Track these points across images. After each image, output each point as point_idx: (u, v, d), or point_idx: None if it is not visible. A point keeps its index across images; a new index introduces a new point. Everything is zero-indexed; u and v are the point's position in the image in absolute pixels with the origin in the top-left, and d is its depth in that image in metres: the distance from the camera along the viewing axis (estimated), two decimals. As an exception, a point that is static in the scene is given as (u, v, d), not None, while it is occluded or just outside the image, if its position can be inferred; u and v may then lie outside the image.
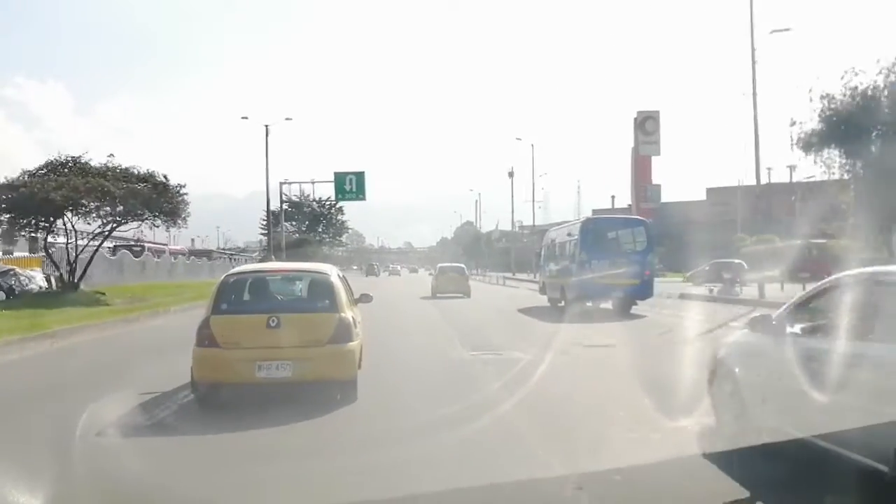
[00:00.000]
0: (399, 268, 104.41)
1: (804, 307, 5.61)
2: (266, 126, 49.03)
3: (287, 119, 69.36)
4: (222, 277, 8.89)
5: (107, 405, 7.63)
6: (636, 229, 22.99)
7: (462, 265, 40.83)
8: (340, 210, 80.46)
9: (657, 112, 62.14)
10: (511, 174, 77.99)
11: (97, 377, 10.48)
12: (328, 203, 77.89)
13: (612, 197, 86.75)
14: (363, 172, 44.93)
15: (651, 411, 7.12)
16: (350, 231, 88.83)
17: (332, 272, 9.00)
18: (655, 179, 60.77)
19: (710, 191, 73.84)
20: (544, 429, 6.80)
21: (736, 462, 3.60)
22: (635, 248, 22.44)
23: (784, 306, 5.81)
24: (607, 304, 21.85)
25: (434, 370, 10.80)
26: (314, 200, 77.90)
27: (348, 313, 8.26)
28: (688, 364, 9.19)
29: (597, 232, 22.80)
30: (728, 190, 66.34)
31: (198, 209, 30.94)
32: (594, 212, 70.03)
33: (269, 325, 7.84)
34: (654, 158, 61.48)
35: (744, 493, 2.99)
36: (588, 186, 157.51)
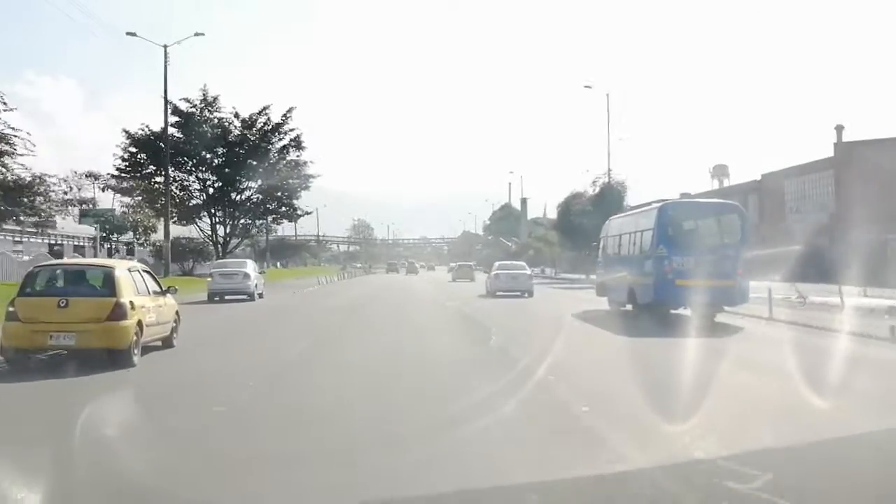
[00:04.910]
0: (418, 265, 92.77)
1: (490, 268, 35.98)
2: (164, 46, 36.18)
3: (197, 34, 37.88)
4: (30, 269, 11.57)
5: None
6: (727, 217, 18.48)
7: (470, 263, 54.21)
8: (298, 143, 41.12)
9: None
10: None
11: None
12: (264, 122, 40.24)
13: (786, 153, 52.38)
14: None
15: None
16: (313, 182, 47.18)
17: (118, 266, 11.18)
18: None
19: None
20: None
21: None
22: (725, 240, 17.96)
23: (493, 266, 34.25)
24: (686, 311, 17.67)
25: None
26: (233, 114, 40.55)
27: (126, 299, 10.36)
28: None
29: (678, 220, 18.22)
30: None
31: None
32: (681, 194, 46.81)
33: (59, 305, 10.16)
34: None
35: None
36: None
